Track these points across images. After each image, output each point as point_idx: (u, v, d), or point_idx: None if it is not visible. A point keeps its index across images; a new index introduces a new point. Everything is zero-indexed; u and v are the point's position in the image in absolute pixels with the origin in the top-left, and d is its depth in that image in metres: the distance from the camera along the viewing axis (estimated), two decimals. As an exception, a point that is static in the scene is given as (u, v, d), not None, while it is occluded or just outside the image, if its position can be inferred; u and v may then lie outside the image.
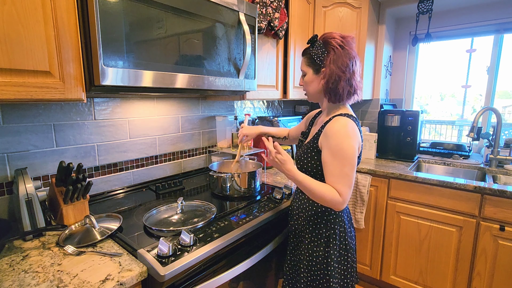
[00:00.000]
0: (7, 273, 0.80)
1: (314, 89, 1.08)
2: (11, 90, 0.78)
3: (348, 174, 0.96)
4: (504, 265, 1.57)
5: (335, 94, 1.02)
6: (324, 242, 1.06)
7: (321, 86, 1.05)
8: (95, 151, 1.35)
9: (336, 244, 1.06)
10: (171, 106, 1.65)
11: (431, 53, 2.55)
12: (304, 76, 1.10)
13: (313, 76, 1.06)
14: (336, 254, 1.06)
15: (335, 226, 1.06)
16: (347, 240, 1.08)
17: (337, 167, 0.96)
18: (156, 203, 1.32)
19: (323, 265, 1.05)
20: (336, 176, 0.97)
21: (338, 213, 1.07)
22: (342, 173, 0.96)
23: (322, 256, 1.06)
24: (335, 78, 0.99)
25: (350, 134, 0.96)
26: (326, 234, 1.06)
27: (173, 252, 0.88)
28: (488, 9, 2.16)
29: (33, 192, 0.99)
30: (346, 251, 1.08)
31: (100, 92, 1.02)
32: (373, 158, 2.24)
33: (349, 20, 2.14)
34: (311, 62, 1.05)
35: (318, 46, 1.02)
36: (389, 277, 1.99)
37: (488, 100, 2.28)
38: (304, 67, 1.08)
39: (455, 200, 1.69)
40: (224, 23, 1.29)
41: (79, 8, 0.89)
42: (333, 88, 1.00)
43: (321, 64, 1.02)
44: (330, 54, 1.00)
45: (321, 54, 1.01)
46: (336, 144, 0.96)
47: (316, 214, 1.07)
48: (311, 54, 1.04)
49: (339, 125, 0.97)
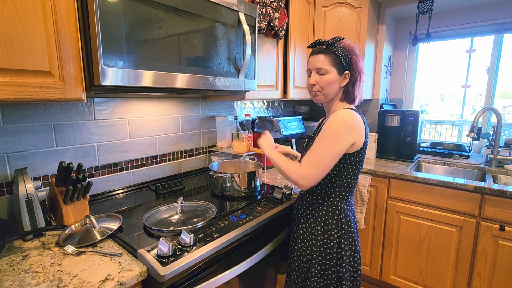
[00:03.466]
0: (7, 273, 0.80)
1: (334, 90, 1.07)
2: (11, 90, 0.78)
3: (322, 153, 0.97)
4: (504, 265, 1.57)
5: (352, 96, 1.08)
6: (337, 243, 1.05)
7: (339, 87, 1.08)
8: (95, 151, 1.35)
9: (347, 245, 1.06)
10: (171, 106, 1.65)
11: (431, 53, 2.55)
12: (323, 74, 1.06)
13: (337, 77, 1.06)
14: (347, 255, 1.06)
15: (345, 226, 1.06)
16: (356, 241, 1.09)
17: (317, 144, 0.98)
18: (156, 203, 1.32)
19: (336, 268, 1.05)
20: (310, 152, 0.99)
21: (347, 213, 1.08)
22: (316, 150, 0.98)
23: (335, 258, 1.05)
24: (357, 81, 1.06)
25: (347, 123, 0.98)
26: (337, 235, 1.05)
27: (173, 252, 0.88)
28: (488, 9, 2.16)
29: (33, 192, 0.98)
30: (355, 252, 1.08)
31: (100, 92, 1.02)
32: (373, 158, 2.24)
33: (349, 20, 2.14)
34: (335, 62, 1.04)
35: (342, 49, 1.04)
36: (389, 277, 1.99)
37: (488, 100, 2.28)
38: (326, 66, 1.04)
39: (455, 200, 1.69)
40: (224, 23, 1.29)
41: (79, 8, 0.89)
42: (353, 90, 1.06)
43: (346, 66, 1.05)
44: (353, 58, 1.04)
45: (347, 57, 1.04)
46: (329, 125, 0.98)
47: (327, 214, 1.07)
48: (337, 55, 1.04)
49: (341, 113, 1.00)
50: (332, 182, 1.06)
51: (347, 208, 1.09)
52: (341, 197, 1.08)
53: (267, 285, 1.31)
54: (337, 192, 1.07)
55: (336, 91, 1.08)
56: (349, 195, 1.10)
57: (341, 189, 1.07)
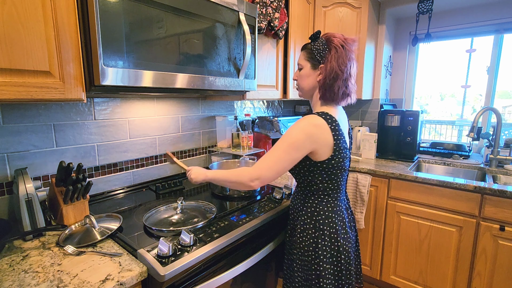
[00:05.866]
0: (7, 273, 0.80)
1: (308, 84, 1.07)
2: (11, 90, 0.78)
3: (274, 155, 0.96)
4: (504, 265, 1.57)
5: (330, 92, 1.01)
6: (314, 243, 1.05)
7: (316, 82, 1.05)
8: (95, 151, 1.35)
9: (326, 245, 1.04)
10: (171, 106, 1.65)
11: (431, 53, 2.55)
12: (300, 69, 1.09)
13: (310, 71, 1.05)
14: (327, 256, 1.04)
15: (324, 227, 1.04)
16: (340, 242, 1.05)
17: (276, 146, 0.98)
18: (156, 203, 1.32)
19: (314, 266, 1.05)
20: (268, 153, 0.99)
21: (328, 215, 1.05)
22: (274, 152, 0.97)
23: (312, 256, 1.05)
24: (333, 75, 0.99)
25: (303, 128, 0.96)
26: (315, 235, 1.05)
27: (173, 252, 0.88)
28: (488, 9, 2.16)
29: (33, 192, 0.98)
30: (339, 253, 1.05)
31: (100, 92, 1.02)
32: (373, 158, 2.24)
33: (349, 20, 2.14)
34: (310, 57, 1.04)
35: (320, 43, 1.02)
36: (389, 277, 1.99)
37: (488, 100, 2.28)
38: (302, 61, 1.08)
39: (455, 200, 1.69)
40: (224, 23, 1.29)
41: (79, 8, 0.89)
42: (330, 85, 1.00)
43: (321, 60, 1.02)
44: (331, 51, 1.00)
45: (322, 50, 1.02)
46: (291, 130, 0.97)
47: (306, 214, 1.07)
48: (311, 49, 1.04)
49: (305, 120, 0.97)
50: (310, 186, 1.06)
51: (329, 209, 1.06)
52: (320, 200, 1.06)
53: (267, 285, 1.31)
54: (315, 195, 1.06)
55: (311, 85, 1.07)
56: (331, 198, 1.07)
57: (318, 193, 1.06)
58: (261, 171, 0.96)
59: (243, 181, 0.98)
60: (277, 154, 0.96)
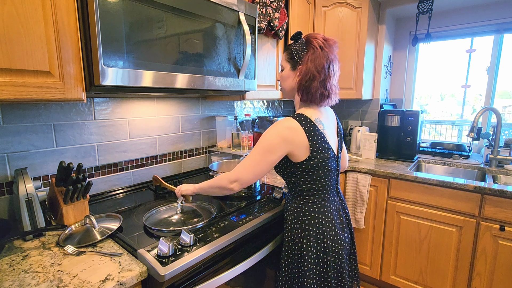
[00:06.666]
0: (7, 273, 0.80)
1: (288, 85, 1.08)
2: (11, 90, 0.78)
3: (251, 158, 0.99)
4: (504, 265, 1.57)
5: (307, 93, 1.02)
6: (300, 242, 1.06)
7: (295, 83, 1.05)
8: (95, 151, 1.35)
9: (312, 246, 1.04)
10: (171, 106, 1.65)
11: (431, 53, 2.55)
12: (282, 70, 1.10)
13: (290, 72, 1.06)
14: (312, 256, 1.04)
15: (309, 227, 1.04)
16: (327, 243, 1.04)
17: (254, 150, 1.00)
18: (156, 203, 1.32)
19: (299, 265, 1.05)
20: (247, 157, 1.01)
21: (314, 215, 1.05)
22: (253, 156, 0.99)
23: (298, 255, 1.06)
24: (309, 76, 0.99)
25: (277, 130, 0.97)
26: (301, 235, 1.06)
27: (173, 252, 0.88)
28: (488, 9, 2.16)
29: (33, 192, 0.98)
30: (326, 254, 1.04)
31: (100, 92, 1.02)
32: (373, 158, 2.24)
33: (349, 20, 2.14)
34: (290, 58, 1.05)
35: (300, 43, 1.03)
36: (389, 277, 1.99)
37: (488, 100, 2.28)
38: (283, 62, 1.09)
39: (455, 200, 1.69)
40: (224, 23, 1.29)
41: (79, 8, 0.89)
42: (306, 86, 1.01)
43: (299, 61, 1.02)
44: (309, 52, 1.00)
45: (301, 52, 1.02)
46: (267, 133, 0.99)
47: (293, 214, 1.08)
48: (291, 50, 1.05)
49: (280, 124, 0.99)
50: (295, 187, 1.07)
51: (315, 210, 1.05)
52: (305, 201, 1.06)
53: (267, 285, 1.31)
54: (301, 196, 1.07)
55: (291, 86, 1.07)
56: (317, 199, 1.06)
57: (303, 193, 1.06)
58: (239, 174, 1.00)
59: (222, 185, 1.02)
60: (253, 158, 0.99)
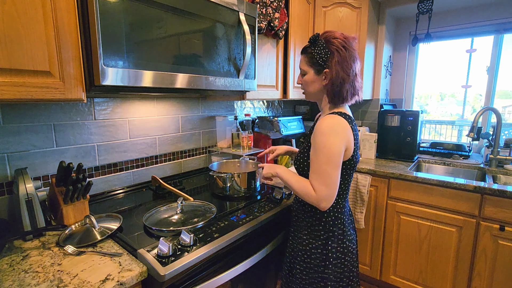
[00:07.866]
0: (7, 273, 0.80)
1: (315, 89, 1.06)
2: (11, 90, 0.78)
3: (327, 172, 0.94)
4: (504, 265, 1.57)
5: (339, 96, 1.00)
6: (322, 245, 1.04)
7: (322, 87, 1.03)
8: (95, 151, 1.35)
9: (334, 247, 1.04)
10: (171, 106, 1.65)
11: (431, 53, 2.55)
12: (303, 75, 1.07)
13: (314, 77, 1.03)
14: (334, 257, 1.04)
15: (333, 228, 1.04)
16: (346, 243, 1.06)
17: (318, 163, 0.96)
18: (156, 203, 1.32)
19: (321, 268, 1.04)
20: (315, 173, 0.97)
21: (338, 215, 1.05)
22: (320, 169, 0.95)
23: (320, 258, 1.04)
24: (340, 81, 0.97)
25: (336, 131, 0.95)
26: (324, 236, 1.05)
27: (173, 252, 0.88)
28: (488, 9, 2.16)
29: (33, 192, 0.99)
30: (344, 254, 1.06)
31: (100, 92, 1.02)
32: (373, 158, 2.24)
33: (349, 20, 2.14)
34: (312, 62, 1.01)
35: (320, 46, 0.99)
36: (389, 277, 1.99)
37: (488, 100, 2.28)
38: (304, 67, 1.05)
39: (455, 200, 1.69)
40: (224, 23, 1.29)
41: (79, 8, 0.89)
42: (338, 90, 0.99)
43: (324, 65, 0.99)
44: (334, 56, 0.97)
45: (324, 55, 0.98)
46: (321, 141, 0.95)
47: (315, 215, 1.06)
48: (312, 54, 1.01)
49: (327, 122, 0.96)
50: None
51: (338, 210, 1.06)
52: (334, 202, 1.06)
53: (267, 285, 1.31)
54: None
55: (318, 90, 1.05)
56: (341, 199, 1.06)
57: None
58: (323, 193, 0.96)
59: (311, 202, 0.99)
60: (324, 169, 0.95)
